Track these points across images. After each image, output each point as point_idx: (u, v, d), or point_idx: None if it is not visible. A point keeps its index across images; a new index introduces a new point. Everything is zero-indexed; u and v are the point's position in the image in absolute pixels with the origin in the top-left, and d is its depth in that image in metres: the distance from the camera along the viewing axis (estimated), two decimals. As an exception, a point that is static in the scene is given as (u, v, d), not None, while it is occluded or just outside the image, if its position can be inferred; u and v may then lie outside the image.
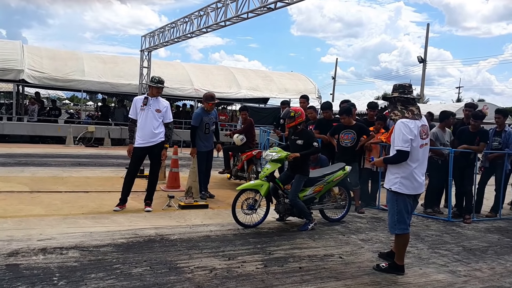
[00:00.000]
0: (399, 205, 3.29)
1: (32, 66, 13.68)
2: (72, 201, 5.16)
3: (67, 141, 12.44)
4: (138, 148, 4.86)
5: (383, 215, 5.43)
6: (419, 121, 3.26)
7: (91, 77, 14.49)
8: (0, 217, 4.19)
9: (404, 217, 3.30)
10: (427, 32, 22.47)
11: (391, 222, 3.36)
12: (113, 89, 15.04)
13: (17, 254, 3.17)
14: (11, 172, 7.01)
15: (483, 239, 4.61)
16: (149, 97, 4.88)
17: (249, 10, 8.20)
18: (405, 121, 3.22)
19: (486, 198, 5.90)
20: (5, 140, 12.45)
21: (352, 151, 5.51)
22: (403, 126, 3.19)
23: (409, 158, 3.21)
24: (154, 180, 5.06)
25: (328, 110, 6.33)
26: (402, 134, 3.17)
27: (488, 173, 5.81)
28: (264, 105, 18.52)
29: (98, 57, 16.55)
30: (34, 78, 13.52)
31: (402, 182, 3.24)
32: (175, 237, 3.91)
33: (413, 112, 3.26)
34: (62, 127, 13.39)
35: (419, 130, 3.23)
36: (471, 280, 3.31)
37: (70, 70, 14.40)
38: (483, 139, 5.42)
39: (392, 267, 3.37)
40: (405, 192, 3.26)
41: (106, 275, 2.90)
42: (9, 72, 13.13)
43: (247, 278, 3.02)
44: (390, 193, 3.35)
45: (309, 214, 4.57)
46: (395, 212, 3.32)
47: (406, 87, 3.36)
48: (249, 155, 6.74)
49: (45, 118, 13.93)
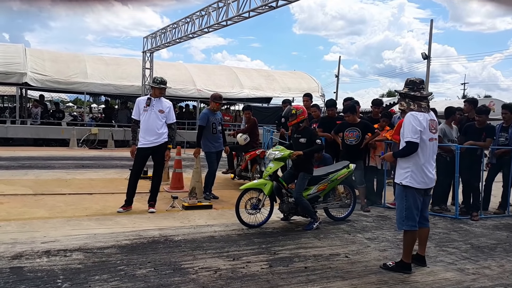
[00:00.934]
0: (408, 201, 3.24)
1: (35, 69, 13.74)
2: (76, 203, 5.15)
3: (70, 144, 12.48)
4: (141, 148, 4.84)
5: (389, 214, 5.37)
6: (427, 115, 3.24)
7: (94, 79, 14.53)
8: (4, 220, 4.19)
9: (413, 213, 3.24)
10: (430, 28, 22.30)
11: (399, 218, 3.31)
12: (116, 90, 15.08)
13: (21, 257, 3.16)
14: (14, 175, 7.03)
15: (491, 236, 4.54)
16: (152, 98, 4.87)
17: (250, 9, 8.17)
18: (415, 113, 3.21)
19: (494, 195, 5.82)
20: (9, 144, 12.52)
21: (357, 149, 5.45)
22: (412, 118, 3.18)
23: (420, 151, 3.18)
24: (158, 181, 5.04)
25: (333, 108, 6.27)
26: (411, 126, 3.15)
27: (496, 169, 5.73)
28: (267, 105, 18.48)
29: (100, 59, 16.60)
30: (37, 81, 13.58)
31: (413, 176, 3.20)
32: (179, 238, 3.89)
33: (420, 106, 3.24)
34: (66, 129, 13.44)
35: (428, 123, 3.21)
36: (480, 278, 3.25)
37: (72, 72, 14.45)
38: (489, 135, 5.35)
39: (399, 265, 3.31)
40: (415, 186, 3.21)
41: (110, 276, 2.88)
42: (12, 75, 13.20)
43: (252, 278, 2.99)
44: (400, 188, 3.30)
45: (314, 213, 4.53)
46: (403, 207, 3.26)
47: (416, 83, 3.33)
48: (253, 155, 6.70)
49: (48, 121, 13.99)
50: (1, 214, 4.44)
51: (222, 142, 5.92)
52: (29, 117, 14.07)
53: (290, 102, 7.90)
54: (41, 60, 14.42)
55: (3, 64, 13.23)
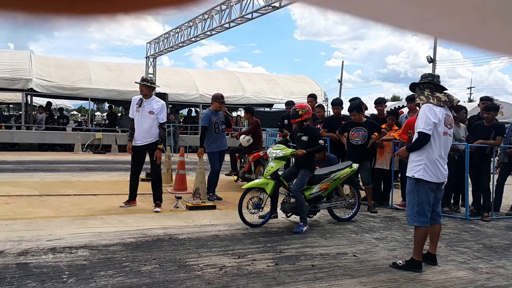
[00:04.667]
0: (420, 196, 3.15)
1: (40, 75, 13.87)
2: (81, 203, 5.14)
3: (75, 148, 12.53)
4: (135, 147, 4.93)
5: (397, 215, 5.29)
6: (443, 109, 3.18)
7: (98, 85, 14.64)
8: (10, 219, 4.18)
9: (425, 209, 3.15)
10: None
11: (411, 213, 3.21)
12: (120, 96, 15.16)
13: (26, 254, 3.14)
14: (20, 177, 7.04)
15: (504, 236, 4.44)
16: (144, 99, 4.93)
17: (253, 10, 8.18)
18: (431, 105, 3.15)
19: (505, 197, 5.69)
20: (14, 149, 12.59)
21: (363, 149, 5.37)
22: (428, 109, 3.13)
23: (433, 144, 3.11)
24: (157, 178, 5.04)
25: (339, 106, 6.22)
26: (426, 117, 3.10)
27: (507, 169, 5.61)
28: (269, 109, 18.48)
29: (104, 65, 16.75)
30: (42, 87, 13.69)
31: (425, 169, 3.12)
32: (184, 237, 3.85)
33: (440, 99, 3.18)
34: (71, 134, 13.51)
35: (444, 117, 3.15)
36: (495, 277, 3.16)
37: (77, 78, 14.57)
38: (499, 133, 5.24)
39: (410, 264, 3.23)
40: (428, 179, 3.12)
41: (115, 272, 2.84)
42: (18, 81, 13.33)
43: (258, 275, 2.94)
44: (412, 183, 3.20)
45: (306, 214, 4.38)
46: (415, 203, 3.17)
47: (435, 76, 3.33)
48: (256, 156, 6.67)
49: (53, 126, 14.08)
50: (7, 213, 4.45)
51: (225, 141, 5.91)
52: (34, 122, 14.17)
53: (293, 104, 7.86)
54: (46, 66, 14.57)
55: (9, 70, 13.38)
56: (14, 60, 14.09)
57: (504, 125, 5.50)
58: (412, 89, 3.48)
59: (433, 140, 3.12)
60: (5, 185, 6.12)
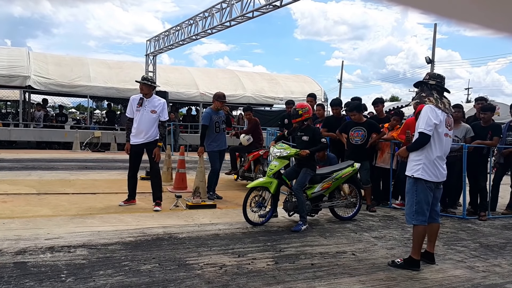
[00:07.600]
0: (418, 195, 3.17)
1: (38, 72, 13.81)
2: (79, 202, 5.12)
3: (73, 146, 12.48)
4: (132, 145, 4.91)
5: (396, 214, 5.31)
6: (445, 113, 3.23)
7: (97, 82, 14.58)
8: (8, 218, 4.17)
9: (424, 208, 3.18)
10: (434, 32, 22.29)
11: (409, 212, 3.24)
12: (119, 94, 15.10)
13: (24, 253, 3.13)
14: (18, 175, 7.02)
15: (500, 235, 4.47)
16: (144, 98, 4.90)
17: (254, 8, 8.16)
18: (433, 106, 3.16)
19: (501, 196, 5.74)
20: (12, 147, 12.54)
21: (363, 149, 5.39)
22: (430, 110, 3.14)
23: (433, 144, 3.13)
24: (156, 176, 5.02)
25: (338, 107, 6.22)
26: (427, 118, 3.11)
27: (503, 169, 5.66)
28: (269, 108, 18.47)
29: (103, 62, 16.66)
30: (40, 84, 13.64)
31: (424, 169, 3.14)
32: (184, 236, 3.85)
33: (445, 106, 3.22)
34: (69, 132, 13.46)
35: (444, 118, 3.18)
36: (491, 275, 3.18)
37: (76, 75, 14.50)
38: (495, 133, 5.29)
39: (408, 262, 3.25)
40: (427, 179, 3.14)
41: (114, 271, 2.84)
42: (16, 78, 13.26)
43: (258, 274, 2.94)
44: (411, 182, 3.23)
45: (306, 213, 4.39)
46: (414, 202, 3.20)
47: (443, 78, 3.32)
48: (256, 155, 6.67)
49: (51, 124, 14.02)
50: (5, 212, 4.42)
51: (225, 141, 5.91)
52: (32, 120, 14.11)
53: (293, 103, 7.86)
54: (44, 63, 14.50)
55: (7, 67, 13.30)
56: (12, 57, 14.01)
57: (500, 126, 5.52)
58: (418, 86, 3.45)
59: (433, 140, 3.14)
60: (2, 183, 6.10)
